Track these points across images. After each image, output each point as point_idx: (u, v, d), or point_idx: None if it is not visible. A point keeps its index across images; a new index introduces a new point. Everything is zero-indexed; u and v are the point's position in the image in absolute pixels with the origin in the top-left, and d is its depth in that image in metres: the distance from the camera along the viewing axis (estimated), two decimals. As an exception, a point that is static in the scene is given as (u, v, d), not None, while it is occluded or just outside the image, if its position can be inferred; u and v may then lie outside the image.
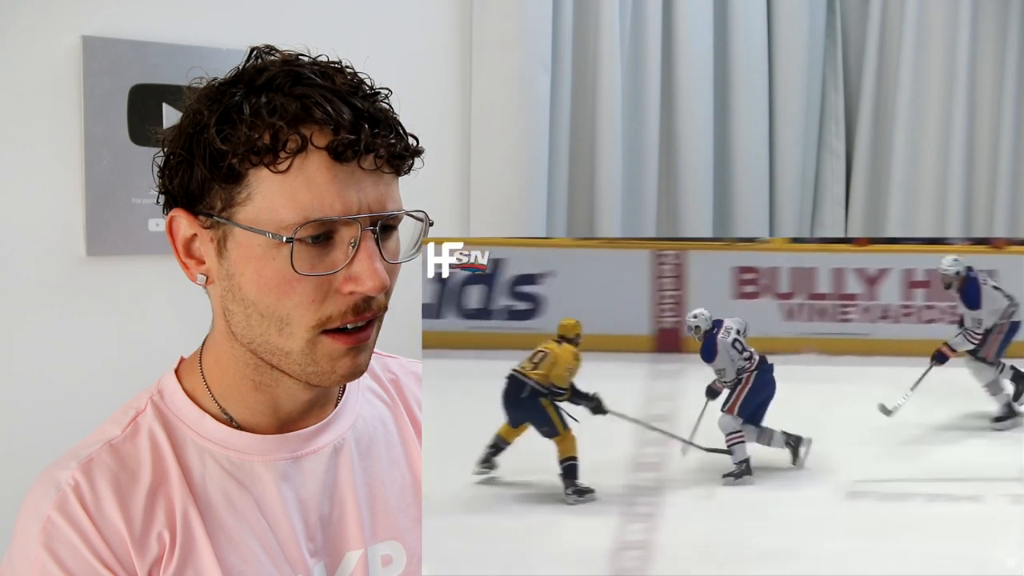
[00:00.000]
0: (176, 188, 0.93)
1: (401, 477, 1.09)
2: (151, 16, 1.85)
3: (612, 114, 2.28)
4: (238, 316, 0.94)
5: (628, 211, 2.36)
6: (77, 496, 0.93)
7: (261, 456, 1.00)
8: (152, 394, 1.02)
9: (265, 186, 0.89)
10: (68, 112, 1.79)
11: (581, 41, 2.29)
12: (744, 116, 2.50)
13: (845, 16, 2.68)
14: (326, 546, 1.02)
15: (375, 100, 0.93)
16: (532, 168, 2.19)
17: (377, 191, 0.91)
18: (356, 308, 0.92)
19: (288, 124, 0.88)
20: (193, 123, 0.91)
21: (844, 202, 2.70)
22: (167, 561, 0.94)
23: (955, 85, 2.52)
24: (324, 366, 0.94)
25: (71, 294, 1.82)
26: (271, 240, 0.89)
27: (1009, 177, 2.50)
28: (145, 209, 1.84)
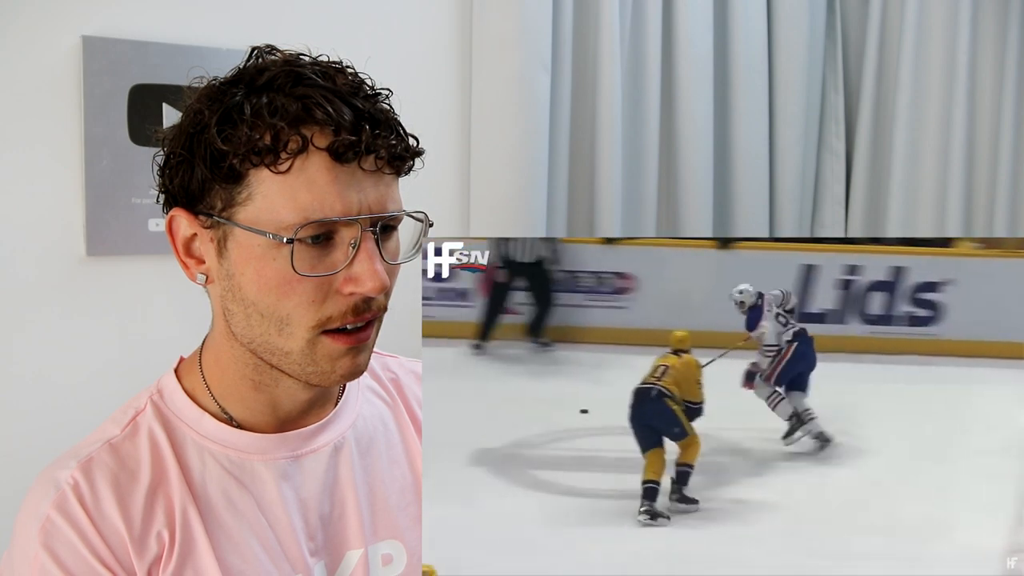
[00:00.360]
0: (176, 188, 0.93)
1: (401, 476, 1.09)
2: (151, 16, 1.85)
3: (612, 114, 2.28)
4: (238, 316, 0.94)
5: (628, 211, 2.36)
6: (76, 496, 0.93)
7: (261, 455, 1.00)
8: (152, 393, 1.02)
9: (266, 186, 0.89)
10: (68, 112, 1.79)
11: (581, 41, 2.29)
12: (744, 116, 2.50)
13: (845, 16, 2.68)
14: (326, 545, 1.02)
15: (376, 101, 0.93)
16: (532, 168, 2.19)
17: (377, 192, 0.91)
18: (356, 309, 0.92)
19: (289, 125, 0.88)
20: (194, 123, 0.91)
21: (844, 202, 2.70)
22: (166, 560, 0.94)
23: (955, 85, 2.52)
24: (324, 366, 0.94)
25: (71, 294, 1.82)
26: (271, 240, 0.89)
27: (1009, 177, 2.50)
28: (145, 209, 1.84)
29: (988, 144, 2.54)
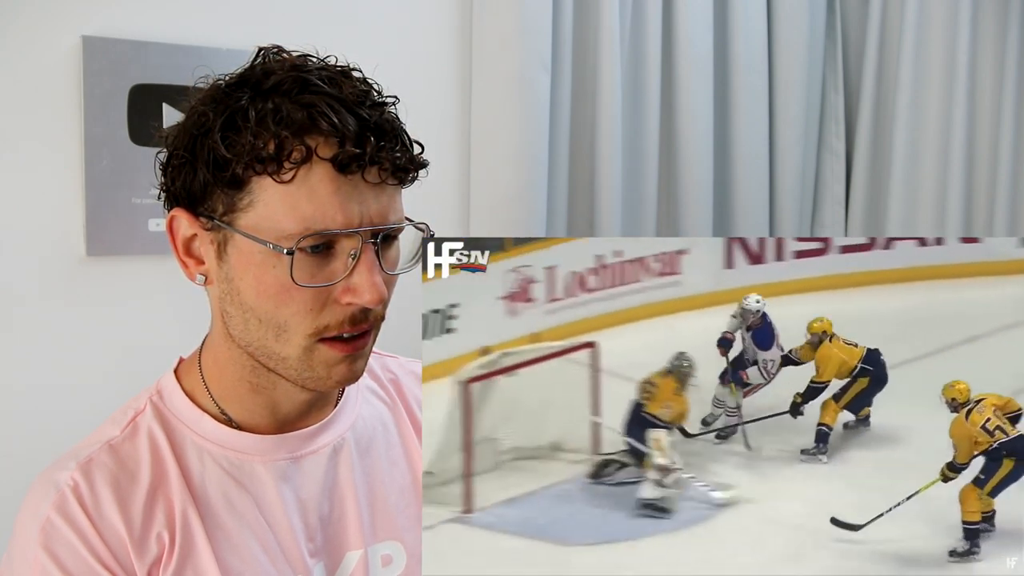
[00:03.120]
0: (178, 188, 0.93)
1: (401, 477, 1.09)
2: (151, 16, 1.85)
3: (612, 114, 2.28)
4: (236, 319, 0.94)
5: (628, 211, 2.36)
6: (76, 497, 0.93)
7: (260, 456, 1.00)
8: (151, 394, 1.02)
9: (268, 195, 0.89)
10: (68, 112, 1.79)
11: (581, 41, 2.29)
12: (744, 116, 2.50)
13: (845, 16, 2.68)
14: (326, 546, 1.02)
15: (382, 110, 0.92)
16: (532, 168, 2.18)
17: (379, 203, 0.90)
18: (353, 319, 0.92)
19: (293, 134, 0.87)
20: (197, 124, 0.91)
21: (844, 202, 2.69)
22: (166, 561, 0.94)
23: (955, 85, 2.52)
24: (320, 372, 0.94)
25: (71, 294, 1.82)
26: (271, 250, 0.89)
27: (1009, 177, 2.50)
28: (145, 209, 1.84)
29: (988, 144, 2.54)
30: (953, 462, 1.35)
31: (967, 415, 1.34)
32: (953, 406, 1.36)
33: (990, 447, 1.33)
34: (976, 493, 1.33)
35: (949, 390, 1.36)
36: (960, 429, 1.35)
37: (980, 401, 1.35)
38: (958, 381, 1.37)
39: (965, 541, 1.33)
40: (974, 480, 1.33)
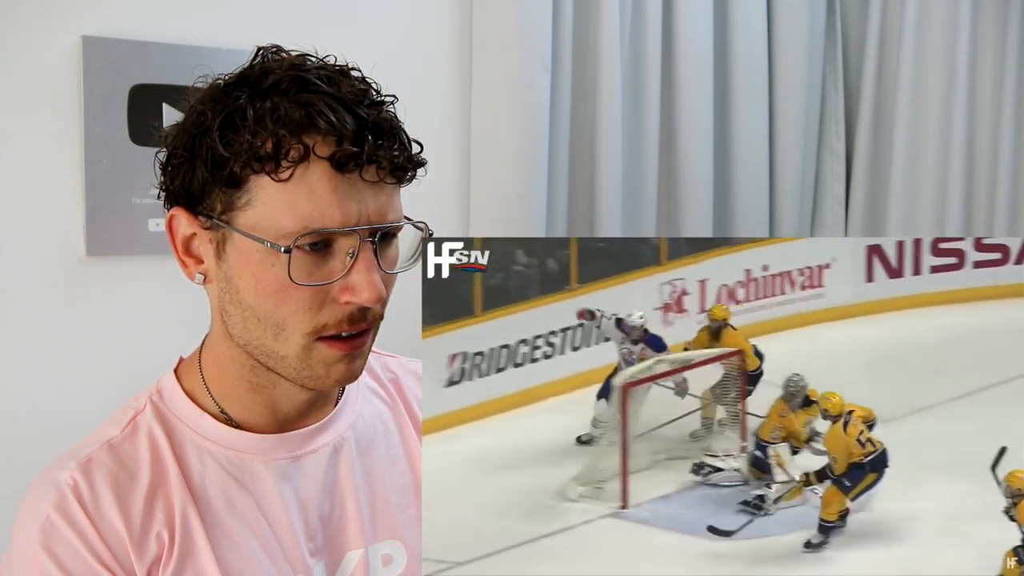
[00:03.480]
0: (177, 187, 0.93)
1: (401, 476, 1.09)
2: (151, 16, 1.85)
3: (612, 114, 2.28)
4: (235, 318, 0.94)
5: (628, 211, 2.36)
6: (76, 496, 0.93)
7: (260, 456, 1.00)
8: (151, 394, 1.02)
9: (266, 193, 0.89)
10: (68, 112, 1.79)
11: (581, 41, 2.29)
12: (744, 116, 2.50)
13: (845, 16, 2.68)
14: (326, 546, 1.02)
15: (380, 109, 0.92)
16: (532, 168, 2.19)
17: (378, 202, 0.90)
18: (352, 318, 0.92)
19: (291, 133, 0.87)
20: (196, 124, 0.91)
21: (844, 202, 2.69)
22: (166, 561, 0.94)
23: (955, 85, 2.52)
24: (319, 371, 0.94)
25: (71, 294, 1.82)
26: (269, 248, 0.89)
27: (1009, 177, 2.49)
28: (145, 209, 1.84)
29: (988, 144, 2.54)
30: (825, 471, 1.37)
31: (844, 427, 1.37)
32: (826, 416, 1.38)
33: (863, 459, 1.36)
34: (839, 497, 1.37)
35: (825, 401, 1.38)
36: (839, 442, 1.37)
37: (851, 412, 1.37)
38: (833, 394, 1.38)
39: (820, 535, 1.38)
40: (840, 486, 1.37)
